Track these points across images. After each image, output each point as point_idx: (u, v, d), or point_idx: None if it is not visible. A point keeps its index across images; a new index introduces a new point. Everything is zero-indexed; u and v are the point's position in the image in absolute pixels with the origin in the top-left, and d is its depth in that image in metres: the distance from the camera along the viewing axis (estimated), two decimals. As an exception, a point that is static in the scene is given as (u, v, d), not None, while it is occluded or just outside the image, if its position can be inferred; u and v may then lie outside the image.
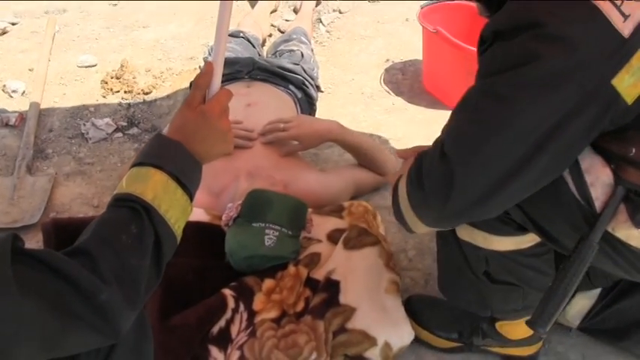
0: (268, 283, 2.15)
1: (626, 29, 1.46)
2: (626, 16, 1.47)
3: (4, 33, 4.26)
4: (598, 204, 1.57)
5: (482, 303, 1.98)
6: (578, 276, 1.60)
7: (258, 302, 2.09)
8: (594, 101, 1.46)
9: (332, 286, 2.11)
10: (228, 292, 2.09)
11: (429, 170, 1.57)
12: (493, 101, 1.51)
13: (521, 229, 1.72)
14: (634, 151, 1.54)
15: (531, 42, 1.49)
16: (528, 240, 1.75)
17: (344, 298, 2.08)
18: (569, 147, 1.51)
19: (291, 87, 3.14)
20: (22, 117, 3.38)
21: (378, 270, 2.17)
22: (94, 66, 3.92)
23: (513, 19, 1.56)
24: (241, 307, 2.07)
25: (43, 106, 3.50)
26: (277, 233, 2.19)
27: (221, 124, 1.55)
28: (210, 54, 3.54)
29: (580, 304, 2.09)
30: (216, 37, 1.59)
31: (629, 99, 1.47)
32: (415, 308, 2.15)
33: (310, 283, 2.17)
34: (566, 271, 1.61)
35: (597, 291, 2.05)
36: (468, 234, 1.82)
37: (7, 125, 3.34)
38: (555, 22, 1.48)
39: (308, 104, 3.17)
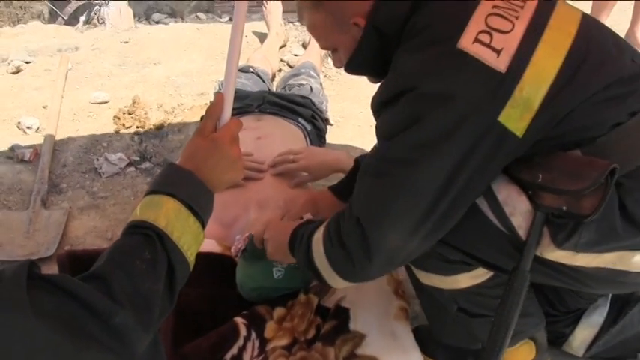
0: (279, 311, 2.17)
1: (502, 64, 1.51)
2: (498, 52, 1.52)
3: (18, 71, 4.33)
4: (521, 232, 1.62)
5: (470, 337, 2.01)
6: (516, 305, 1.65)
7: (269, 330, 2.11)
8: (485, 142, 1.52)
9: (342, 313, 2.13)
10: (239, 320, 2.11)
11: (347, 232, 1.65)
12: (390, 165, 1.59)
13: (468, 265, 1.76)
14: (541, 177, 1.58)
15: (411, 105, 1.57)
16: (483, 272, 1.78)
17: (354, 325, 2.09)
18: (470, 186, 1.57)
19: (300, 120, 3.17)
20: (37, 152, 3.43)
21: (388, 297, 2.19)
22: (106, 102, 3.98)
23: (392, 87, 1.65)
24: (253, 334, 2.09)
25: (57, 142, 3.55)
26: (285, 266, 2.22)
27: (232, 152, 1.58)
28: (220, 88, 3.58)
29: (583, 334, 2.09)
30: (227, 68, 1.64)
31: (519, 132, 1.52)
32: (422, 338, 2.17)
33: (321, 310, 2.18)
34: (504, 302, 1.66)
35: (600, 320, 2.06)
36: (426, 278, 1.87)
37: (22, 161, 3.38)
38: (428, 80, 1.55)
39: (317, 137, 3.20)
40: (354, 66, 1.90)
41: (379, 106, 1.71)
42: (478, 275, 1.78)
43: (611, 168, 1.49)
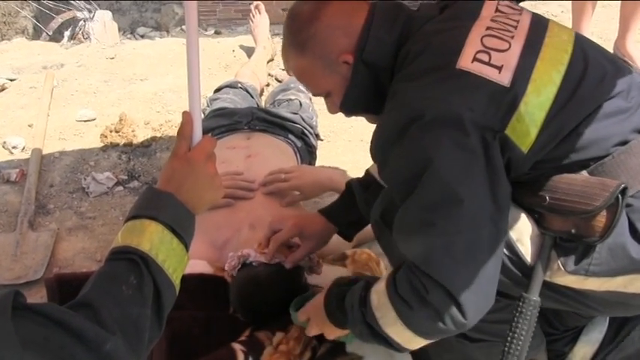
0: (279, 336, 2.14)
1: (505, 79, 1.51)
2: (499, 68, 1.52)
3: (2, 89, 4.29)
4: (529, 258, 1.60)
5: None
6: (527, 333, 1.63)
7: (266, 355, 2.08)
8: (496, 154, 1.52)
9: (338, 336, 2.11)
10: (238, 346, 2.07)
11: (428, 290, 1.53)
12: (434, 212, 1.52)
13: None
14: (548, 198, 1.56)
15: (422, 138, 1.53)
16: None
17: (350, 347, 2.07)
18: (507, 196, 1.56)
19: (290, 136, 3.15)
20: (23, 173, 3.39)
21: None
22: (93, 120, 3.94)
23: (397, 119, 1.60)
24: (250, 361, 2.06)
25: (43, 162, 3.51)
26: None
27: (207, 170, 1.55)
28: (208, 105, 3.56)
29: (583, 351, 2.07)
30: (189, 86, 1.59)
31: (525, 147, 1.52)
32: (420, 358, 2.14)
33: (317, 332, 2.16)
34: (514, 331, 1.63)
35: (600, 337, 2.04)
36: None
37: (8, 181, 3.34)
38: (434, 105, 1.52)
39: (308, 153, 3.18)
40: (349, 106, 1.87)
41: (384, 149, 1.66)
42: None
43: (622, 187, 1.49)
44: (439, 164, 1.49)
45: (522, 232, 1.60)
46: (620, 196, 1.49)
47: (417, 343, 1.65)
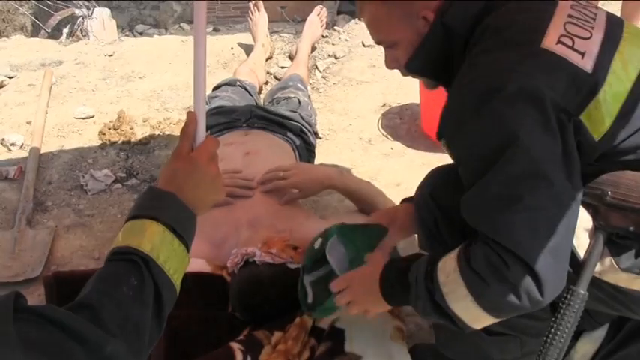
0: (277, 335, 2.14)
1: (587, 65, 1.52)
2: (582, 54, 1.53)
3: (1, 86, 4.27)
4: (581, 251, 1.59)
5: (480, 355, 1.97)
6: (571, 327, 1.60)
7: (264, 354, 2.07)
8: (570, 136, 1.51)
9: (337, 334, 2.10)
10: (236, 345, 2.07)
11: (508, 267, 1.50)
12: (518, 188, 1.50)
13: None
14: (609, 193, 1.55)
15: (503, 109, 1.51)
16: None
17: (349, 346, 2.07)
18: (578, 175, 1.54)
19: (289, 134, 3.14)
20: (21, 170, 3.38)
21: (383, 317, 2.16)
22: (91, 117, 3.93)
23: (475, 89, 1.58)
24: (249, 359, 2.05)
25: (41, 159, 3.51)
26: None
27: (210, 171, 1.54)
28: (206, 102, 3.55)
29: (584, 348, 2.06)
30: (195, 86, 1.59)
31: (597, 135, 1.52)
32: (419, 358, 2.14)
33: (316, 331, 2.15)
34: (559, 323, 1.60)
35: (602, 333, 2.03)
36: None
37: (6, 179, 3.34)
38: (516, 78, 1.51)
39: (306, 151, 3.18)
40: (415, 64, 1.84)
41: (458, 124, 1.62)
42: None
43: None
44: (525, 140, 1.47)
45: (577, 226, 1.57)
46: None
47: (483, 321, 1.62)
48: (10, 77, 4.39)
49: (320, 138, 3.66)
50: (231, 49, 4.73)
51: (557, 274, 1.52)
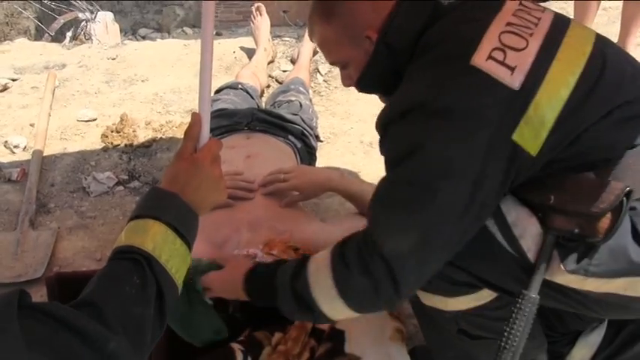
0: (278, 336, 2.14)
1: (516, 81, 1.50)
2: (512, 69, 1.52)
3: (5, 89, 4.30)
4: (531, 255, 1.60)
5: (469, 359, 1.98)
6: (524, 330, 1.63)
7: (264, 355, 2.08)
8: (499, 160, 1.51)
9: (337, 336, 2.10)
10: (236, 346, 2.07)
11: (373, 261, 1.58)
12: (409, 189, 1.56)
13: (474, 287, 1.73)
14: (553, 198, 1.56)
15: (421, 122, 1.56)
16: (487, 295, 1.75)
17: (349, 347, 2.07)
18: (486, 204, 1.55)
19: (290, 137, 3.14)
20: (24, 172, 3.40)
21: (382, 318, 2.16)
22: (94, 120, 3.96)
23: (401, 103, 1.64)
24: (249, 360, 2.06)
25: (44, 161, 3.53)
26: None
27: (213, 172, 1.57)
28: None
29: (580, 353, 2.06)
30: (200, 88, 1.61)
31: (533, 151, 1.51)
32: (420, 359, 2.14)
33: (315, 333, 2.15)
34: (511, 327, 1.63)
35: (598, 339, 2.03)
36: (428, 299, 1.84)
37: (9, 180, 3.36)
38: (439, 96, 1.54)
39: (308, 154, 3.18)
40: (365, 82, 1.90)
41: (386, 124, 1.69)
42: (482, 297, 1.75)
43: (627, 190, 1.49)
44: (429, 151, 1.53)
45: (525, 230, 1.59)
46: (625, 199, 1.49)
47: (343, 314, 1.70)
48: (13, 80, 4.41)
49: (321, 141, 3.67)
50: (234, 52, 4.74)
51: (417, 283, 1.62)
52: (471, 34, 1.61)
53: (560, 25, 1.66)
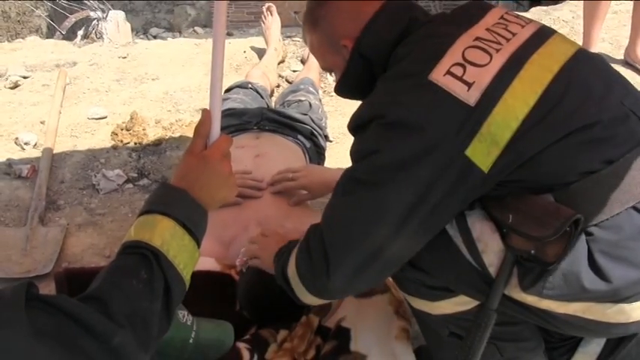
0: (283, 333, 2.15)
1: (472, 98, 1.51)
2: (470, 85, 1.52)
3: (16, 86, 4.31)
4: (492, 270, 1.61)
5: None
6: (481, 342, 1.66)
7: (270, 352, 2.09)
8: (449, 174, 1.52)
9: (343, 334, 2.11)
10: (242, 345, 2.08)
11: (314, 242, 1.69)
12: (356, 185, 1.62)
13: (451, 291, 1.74)
14: (511, 217, 1.56)
15: (378, 132, 1.60)
16: (468, 300, 1.75)
17: (354, 346, 2.08)
18: (432, 217, 1.57)
19: (299, 137, 3.15)
20: (34, 169, 3.42)
21: (388, 317, 2.17)
22: (104, 118, 3.96)
23: (364, 114, 1.69)
24: (255, 358, 2.07)
25: (54, 158, 3.54)
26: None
27: (223, 169, 1.57)
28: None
29: None
30: (212, 84, 1.61)
31: (485, 168, 1.51)
32: (426, 358, 2.14)
33: (321, 330, 2.16)
34: (470, 340, 1.67)
35: (598, 349, 2.00)
36: (415, 303, 1.86)
37: (19, 177, 3.37)
38: (395, 110, 1.58)
39: (317, 154, 3.19)
40: (342, 89, 1.98)
41: (353, 129, 1.75)
42: (463, 302, 1.75)
43: (574, 218, 1.48)
44: (382, 155, 1.57)
45: (488, 245, 1.60)
46: (573, 226, 1.48)
47: (306, 297, 1.80)
48: (24, 77, 4.42)
49: (331, 141, 3.67)
50: (244, 52, 4.75)
51: (349, 282, 1.66)
52: (434, 48, 1.64)
53: (537, 40, 1.66)
